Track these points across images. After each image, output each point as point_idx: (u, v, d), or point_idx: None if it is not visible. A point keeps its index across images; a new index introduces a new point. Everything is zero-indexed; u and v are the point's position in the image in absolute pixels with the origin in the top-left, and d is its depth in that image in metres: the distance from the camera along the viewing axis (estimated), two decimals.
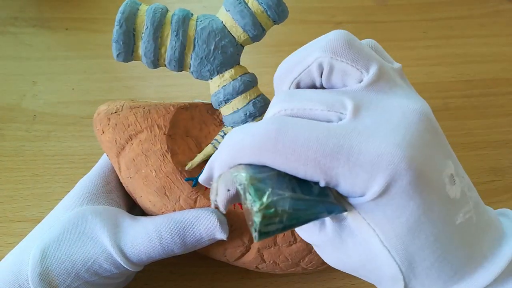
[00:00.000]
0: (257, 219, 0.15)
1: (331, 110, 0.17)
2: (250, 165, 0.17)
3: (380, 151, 0.16)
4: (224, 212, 0.17)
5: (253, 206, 0.15)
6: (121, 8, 0.24)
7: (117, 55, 0.25)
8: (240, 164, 0.17)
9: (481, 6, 0.55)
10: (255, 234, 0.15)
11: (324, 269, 0.30)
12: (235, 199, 0.17)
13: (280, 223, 0.15)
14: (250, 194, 0.15)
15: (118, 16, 0.24)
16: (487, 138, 0.41)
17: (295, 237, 0.27)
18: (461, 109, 0.43)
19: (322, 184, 0.17)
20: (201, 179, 0.20)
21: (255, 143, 0.16)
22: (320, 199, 0.17)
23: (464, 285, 0.18)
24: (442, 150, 0.18)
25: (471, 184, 0.20)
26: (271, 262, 0.27)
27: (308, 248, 0.27)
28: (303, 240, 0.27)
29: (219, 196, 0.17)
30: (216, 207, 0.18)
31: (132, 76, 0.46)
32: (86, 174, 0.28)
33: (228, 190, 0.16)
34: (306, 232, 0.20)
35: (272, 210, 0.15)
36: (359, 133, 0.17)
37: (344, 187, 0.17)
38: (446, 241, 0.18)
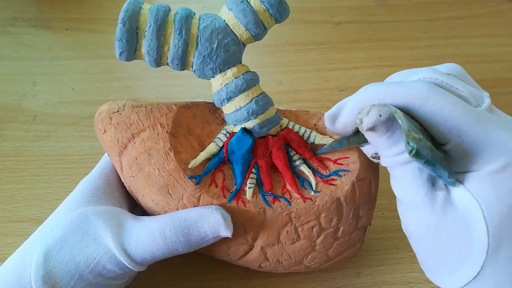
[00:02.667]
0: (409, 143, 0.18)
1: (472, 97, 0.21)
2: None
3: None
4: (370, 126, 0.19)
5: (407, 136, 0.18)
6: (124, 7, 0.24)
7: (120, 54, 0.25)
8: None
9: (481, 6, 0.55)
10: (410, 148, 0.18)
11: (326, 268, 0.30)
12: (378, 125, 0.20)
13: (425, 156, 0.18)
14: (403, 127, 0.18)
15: (121, 14, 0.24)
16: None
17: (298, 234, 0.27)
18: None
19: (449, 146, 0.20)
20: (329, 113, 0.23)
21: (408, 91, 0.20)
22: (446, 160, 0.20)
23: None
24: None
25: None
26: (274, 260, 0.27)
27: (311, 246, 0.27)
28: (306, 237, 0.27)
29: (369, 117, 0.19)
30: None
31: (132, 76, 0.46)
32: (86, 174, 0.28)
33: (380, 116, 0.19)
34: (410, 187, 0.21)
35: (418, 145, 0.18)
36: (494, 120, 0.20)
37: (466, 157, 0.20)
38: None
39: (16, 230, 0.33)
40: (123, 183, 0.27)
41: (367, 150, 0.26)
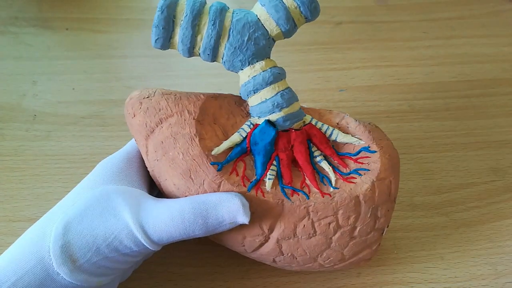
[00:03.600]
0: None
1: None
2: None
3: None
4: None
5: None
6: None
7: (156, 40, 0.26)
8: None
9: (482, 6, 0.55)
10: None
11: (340, 269, 0.29)
12: None
13: None
14: None
15: (160, 2, 0.25)
16: (487, 138, 0.41)
17: (314, 229, 0.27)
18: (462, 109, 0.43)
19: None
20: None
21: None
22: None
23: None
24: None
25: None
26: (289, 255, 0.27)
27: (327, 243, 0.27)
28: (322, 233, 0.27)
29: None
30: None
31: (132, 76, 0.46)
32: (86, 173, 0.27)
33: None
34: None
35: None
36: None
37: None
38: None
39: (16, 229, 0.33)
40: (145, 169, 0.28)
41: None
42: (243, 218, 0.25)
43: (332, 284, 0.31)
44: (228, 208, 0.25)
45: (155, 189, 0.29)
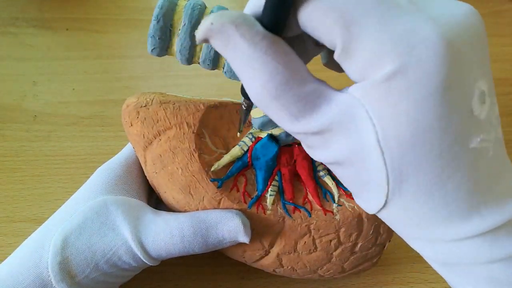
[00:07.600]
0: None
1: None
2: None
3: (413, 25, 0.14)
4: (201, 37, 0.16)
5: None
6: (159, 3, 0.24)
7: (152, 50, 0.25)
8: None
9: (482, 6, 0.55)
10: None
11: (339, 278, 0.29)
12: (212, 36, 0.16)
13: None
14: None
15: (156, 10, 0.24)
16: None
17: (315, 246, 0.26)
18: None
19: (338, 50, 0.16)
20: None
21: None
22: None
23: (458, 223, 0.16)
24: (482, 65, 0.16)
25: (499, 120, 0.18)
26: (289, 267, 0.27)
27: (328, 258, 0.27)
28: (323, 249, 0.27)
29: (201, 25, 0.16)
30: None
31: (132, 76, 0.46)
32: (87, 174, 0.28)
33: (211, 24, 0.16)
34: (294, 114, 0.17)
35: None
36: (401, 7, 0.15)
37: (358, 57, 0.15)
38: (449, 163, 0.15)
39: (17, 230, 0.33)
40: (144, 176, 0.27)
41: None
42: (243, 238, 0.24)
43: (332, 284, 0.31)
44: (228, 227, 0.24)
45: (154, 194, 0.29)
